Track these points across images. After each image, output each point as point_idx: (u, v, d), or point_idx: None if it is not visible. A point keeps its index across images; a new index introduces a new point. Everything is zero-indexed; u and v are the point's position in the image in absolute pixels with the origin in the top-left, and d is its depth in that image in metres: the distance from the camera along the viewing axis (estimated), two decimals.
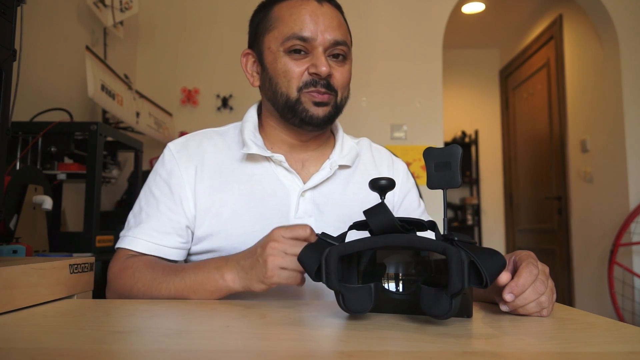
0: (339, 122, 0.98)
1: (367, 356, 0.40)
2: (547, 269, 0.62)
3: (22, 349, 0.43)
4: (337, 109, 0.87)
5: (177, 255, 0.85)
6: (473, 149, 4.68)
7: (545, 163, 3.78)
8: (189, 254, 0.89)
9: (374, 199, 0.90)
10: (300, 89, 0.83)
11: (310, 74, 0.82)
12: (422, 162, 3.03)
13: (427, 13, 3.13)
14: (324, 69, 0.81)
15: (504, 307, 0.59)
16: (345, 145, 0.95)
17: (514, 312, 0.59)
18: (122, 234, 0.87)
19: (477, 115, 4.73)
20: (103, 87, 2.00)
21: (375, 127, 3.05)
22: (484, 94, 4.76)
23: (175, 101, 3.05)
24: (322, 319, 0.56)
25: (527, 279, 0.57)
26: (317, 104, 0.83)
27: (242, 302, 0.68)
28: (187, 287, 0.72)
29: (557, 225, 3.61)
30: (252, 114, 0.93)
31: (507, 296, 0.57)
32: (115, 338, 0.46)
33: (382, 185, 0.61)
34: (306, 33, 0.81)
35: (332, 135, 0.98)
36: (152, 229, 0.84)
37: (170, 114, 2.88)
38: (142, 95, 2.47)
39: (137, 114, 2.36)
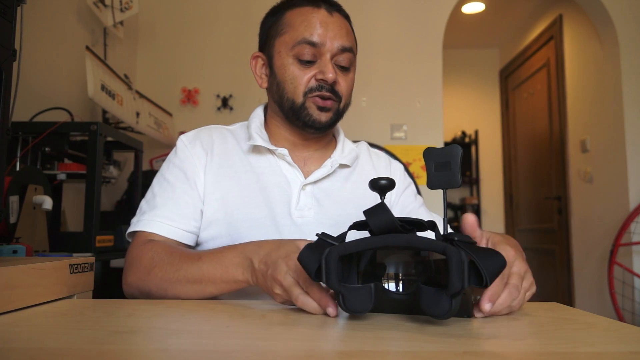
0: (340, 127, 1.03)
1: (367, 356, 0.40)
2: (522, 269, 0.60)
3: (22, 349, 0.43)
4: (339, 115, 0.91)
5: (192, 240, 0.87)
6: (473, 149, 4.68)
7: (545, 163, 3.78)
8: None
9: (371, 197, 0.91)
10: (305, 94, 0.87)
11: (317, 80, 0.86)
12: (422, 162, 3.03)
13: (427, 13, 3.13)
14: (330, 76, 0.85)
15: (478, 314, 0.57)
16: (346, 147, 0.99)
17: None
18: (134, 220, 0.86)
19: (477, 115, 4.73)
20: (103, 87, 2.00)
21: (375, 127, 3.05)
22: (484, 94, 4.76)
23: (175, 101, 3.05)
24: (322, 319, 0.56)
25: (499, 287, 0.56)
26: (321, 109, 0.87)
27: (242, 302, 0.68)
28: (205, 277, 0.71)
29: (557, 225, 3.61)
30: (258, 113, 0.98)
31: (486, 306, 0.55)
32: (115, 338, 0.46)
33: (382, 185, 0.61)
34: (315, 38, 0.85)
35: (334, 138, 1.02)
36: (170, 212, 0.85)
37: (170, 114, 2.88)
38: (142, 95, 2.47)
39: (137, 114, 2.36)
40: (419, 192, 1.09)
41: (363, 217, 0.66)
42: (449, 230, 0.60)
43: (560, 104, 3.54)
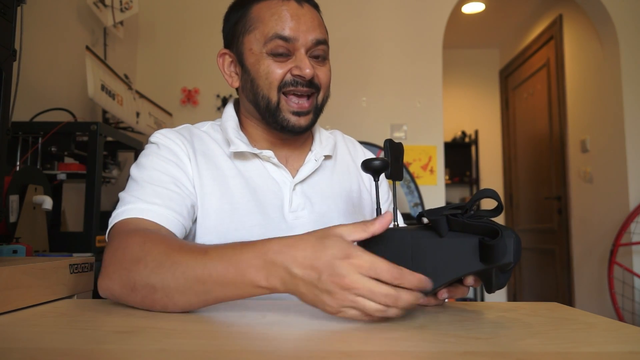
0: None
1: (367, 356, 0.40)
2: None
3: (22, 349, 0.43)
4: (318, 113, 0.87)
5: (183, 232, 0.78)
6: (473, 149, 4.68)
7: (545, 163, 3.78)
8: None
9: (356, 189, 0.93)
10: (280, 89, 0.82)
11: (293, 75, 0.82)
12: (423, 162, 3.03)
13: (427, 13, 3.13)
14: (307, 71, 0.80)
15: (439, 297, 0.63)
16: (323, 137, 0.96)
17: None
18: (115, 212, 0.75)
19: (477, 115, 4.73)
20: (103, 87, 2.00)
21: (375, 127, 3.05)
22: (484, 94, 4.76)
23: (175, 101, 3.05)
24: (322, 319, 0.56)
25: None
26: (297, 114, 0.83)
27: (242, 302, 0.68)
28: (212, 278, 0.57)
29: (557, 225, 3.61)
30: (231, 113, 0.92)
31: (444, 295, 0.61)
32: (115, 338, 0.46)
33: (376, 167, 0.61)
34: (287, 33, 0.81)
35: (310, 132, 0.98)
36: (160, 198, 0.75)
37: (170, 114, 2.88)
38: (142, 95, 2.47)
39: (137, 114, 2.36)
40: (418, 191, 1.09)
41: (351, 210, 0.75)
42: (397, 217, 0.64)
43: (560, 104, 3.53)
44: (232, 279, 0.56)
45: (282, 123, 0.83)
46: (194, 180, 0.81)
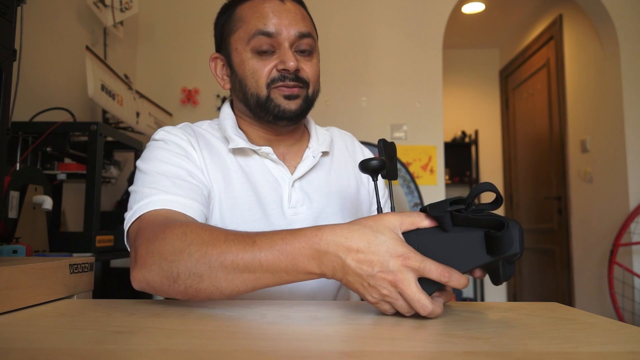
0: (309, 116, 0.98)
1: (367, 356, 0.40)
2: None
3: (22, 349, 0.43)
4: (309, 103, 0.87)
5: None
6: (473, 149, 4.67)
7: (545, 163, 3.78)
8: None
9: (354, 184, 0.94)
10: (268, 85, 0.83)
11: (278, 70, 0.83)
12: (423, 162, 3.03)
13: (427, 13, 3.13)
14: (291, 64, 0.81)
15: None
16: (320, 134, 0.97)
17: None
18: (137, 206, 0.72)
19: (477, 115, 4.73)
20: (103, 87, 2.00)
21: (375, 127, 3.05)
22: (484, 94, 4.76)
23: (175, 101, 3.05)
24: (322, 319, 0.56)
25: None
26: (288, 97, 0.83)
27: (242, 302, 0.68)
28: (262, 267, 0.57)
29: (557, 225, 3.61)
30: (228, 112, 0.92)
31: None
32: (115, 338, 0.46)
33: (374, 167, 0.61)
34: (270, 28, 0.82)
35: (306, 129, 0.99)
36: (182, 189, 0.74)
37: (170, 114, 2.88)
38: (142, 95, 2.47)
39: (137, 114, 2.36)
40: (418, 191, 1.09)
41: (349, 206, 0.74)
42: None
43: (560, 104, 3.53)
44: (284, 268, 0.57)
45: (273, 110, 0.84)
46: (203, 171, 0.83)
